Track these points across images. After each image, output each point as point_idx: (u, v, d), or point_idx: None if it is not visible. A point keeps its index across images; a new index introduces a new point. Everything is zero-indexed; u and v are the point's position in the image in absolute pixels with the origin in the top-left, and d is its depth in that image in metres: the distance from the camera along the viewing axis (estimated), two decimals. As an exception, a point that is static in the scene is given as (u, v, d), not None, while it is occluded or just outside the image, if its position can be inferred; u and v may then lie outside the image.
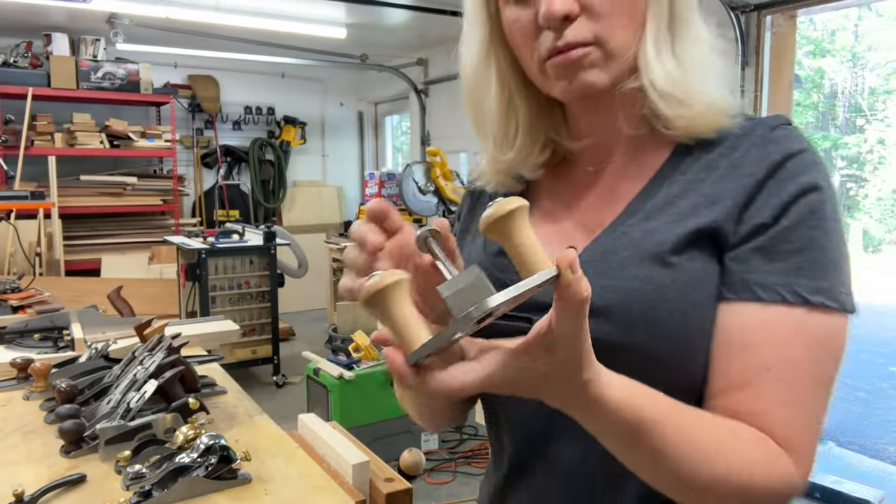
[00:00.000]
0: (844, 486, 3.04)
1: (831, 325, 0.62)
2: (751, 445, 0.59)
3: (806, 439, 0.64)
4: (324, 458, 1.26)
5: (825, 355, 0.64)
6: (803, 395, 0.65)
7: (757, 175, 0.64)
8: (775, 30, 3.66)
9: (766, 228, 0.62)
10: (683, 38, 0.77)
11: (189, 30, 5.40)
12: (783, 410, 0.62)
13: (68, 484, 1.13)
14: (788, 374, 0.62)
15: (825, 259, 0.61)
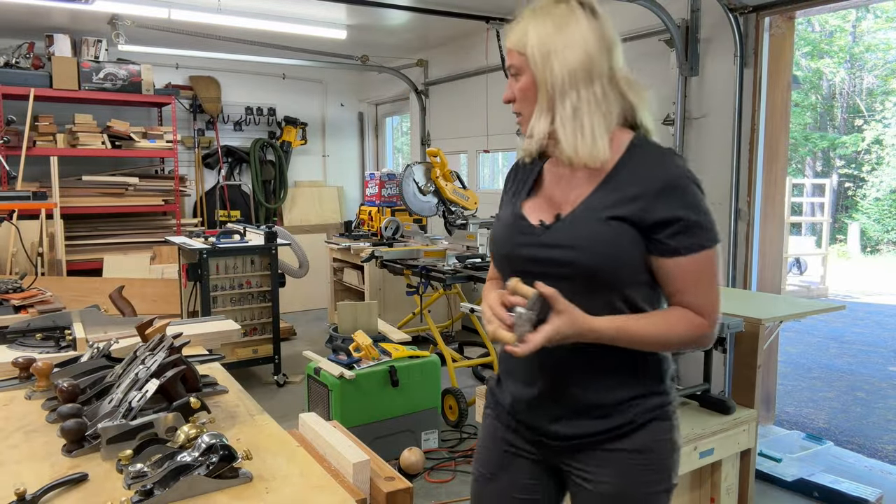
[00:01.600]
0: (843, 485, 3.05)
1: (714, 253, 1.22)
2: (681, 316, 1.22)
3: (708, 309, 1.21)
4: (324, 456, 1.27)
5: (712, 268, 1.22)
6: (705, 290, 1.21)
7: (656, 185, 1.22)
8: (773, 31, 3.66)
9: (675, 220, 1.20)
10: (563, 106, 1.24)
11: (190, 31, 5.41)
12: (696, 298, 1.21)
13: (70, 483, 1.14)
14: (697, 282, 1.21)
15: (707, 225, 1.22)
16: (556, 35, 1.24)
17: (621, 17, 4.45)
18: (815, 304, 2.94)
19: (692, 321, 1.20)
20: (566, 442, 1.29)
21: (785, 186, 4.11)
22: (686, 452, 2.15)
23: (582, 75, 1.23)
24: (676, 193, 1.21)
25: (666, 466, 1.28)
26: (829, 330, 7.26)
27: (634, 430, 1.25)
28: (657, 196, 1.20)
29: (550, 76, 1.22)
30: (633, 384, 1.26)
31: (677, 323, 1.20)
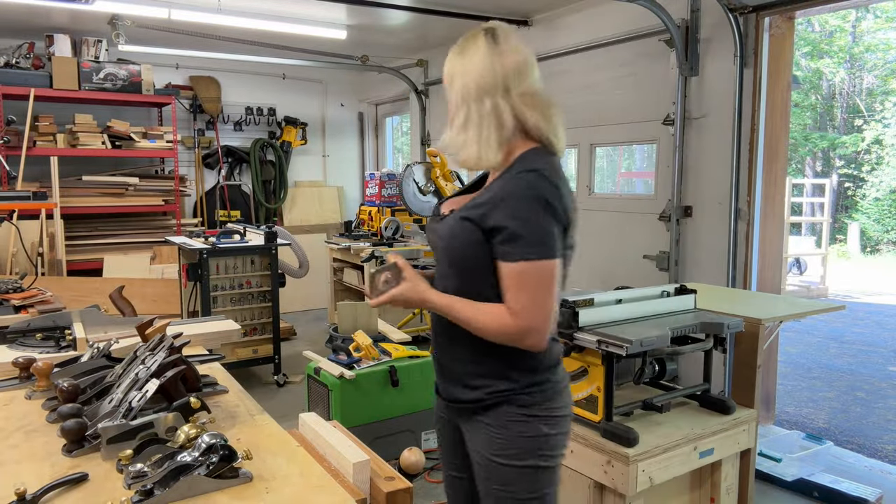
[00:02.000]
0: (843, 484, 3.05)
1: (538, 266, 1.34)
2: (496, 312, 1.37)
3: (520, 313, 1.34)
4: (324, 456, 1.27)
5: (531, 279, 1.34)
6: (521, 296, 1.34)
7: (499, 195, 1.37)
8: (773, 31, 3.66)
9: (503, 228, 1.35)
10: (456, 122, 1.45)
11: (190, 31, 5.41)
12: (512, 301, 1.35)
13: (70, 483, 1.14)
14: (515, 287, 1.35)
15: (531, 238, 1.34)
16: (458, 60, 1.46)
17: (621, 17, 4.45)
18: (814, 304, 2.94)
19: (502, 319, 1.36)
20: (453, 404, 1.52)
21: (785, 186, 4.11)
22: (686, 452, 2.15)
23: (474, 94, 1.41)
24: (511, 205, 1.35)
25: (523, 447, 1.43)
26: (829, 330, 7.27)
27: (487, 408, 1.45)
28: (496, 205, 1.36)
29: (453, 95, 1.46)
30: (486, 366, 1.45)
31: (488, 315, 1.37)
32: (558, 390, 1.48)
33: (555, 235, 1.36)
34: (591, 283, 4.86)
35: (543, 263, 1.34)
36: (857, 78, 16.96)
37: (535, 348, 1.38)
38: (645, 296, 2.38)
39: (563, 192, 1.39)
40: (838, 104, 17.40)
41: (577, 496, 2.20)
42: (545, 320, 1.35)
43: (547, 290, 1.35)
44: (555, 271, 1.36)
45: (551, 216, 1.35)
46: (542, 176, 1.36)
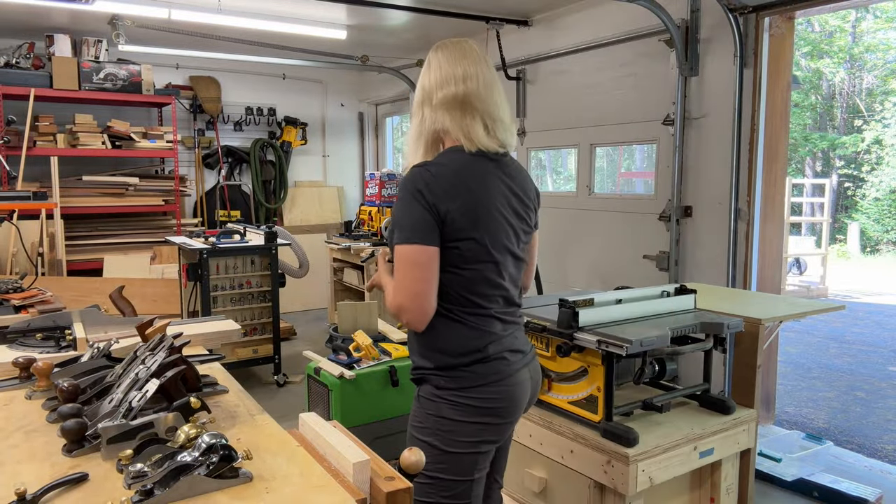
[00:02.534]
0: (843, 484, 3.05)
1: (401, 249, 1.49)
2: (389, 290, 1.55)
3: (395, 292, 1.51)
4: (325, 456, 1.27)
5: (401, 260, 1.49)
6: (397, 275, 1.50)
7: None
8: (773, 31, 3.66)
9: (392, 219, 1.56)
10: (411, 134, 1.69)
11: (191, 31, 5.41)
12: (395, 280, 1.51)
13: (70, 483, 1.14)
14: (396, 269, 1.51)
15: (398, 224, 1.51)
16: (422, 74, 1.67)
17: (621, 17, 4.45)
18: (814, 304, 2.94)
19: (389, 297, 1.56)
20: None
21: (785, 186, 4.11)
22: (686, 452, 2.15)
23: (420, 102, 1.65)
24: (398, 196, 1.56)
25: (425, 422, 1.60)
26: (829, 330, 7.27)
27: (417, 381, 1.65)
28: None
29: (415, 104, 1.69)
30: (417, 345, 1.63)
31: (389, 291, 1.57)
32: (473, 382, 1.56)
33: (419, 223, 1.48)
34: (591, 283, 4.86)
35: (404, 248, 1.50)
36: (856, 78, 16.96)
37: (411, 326, 1.55)
38: (645, 296, 2.38)
39: (441, 183, 1.50)
40: (838, 104, 17.40)
41: (577, 496, 2.20)
42: (410, 299, 1.49)
43: (408, 271, 1.49)
44: (415, 256, 1.48)
45: (418, 204, 1.48)
46: (422, 169, 1.53)
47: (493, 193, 1.58)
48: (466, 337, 1.57)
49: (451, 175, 1.53)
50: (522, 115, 5.51)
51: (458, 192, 1.52)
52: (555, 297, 2.41)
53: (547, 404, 2.30)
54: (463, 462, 1.59)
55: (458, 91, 1.61)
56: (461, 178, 1.54)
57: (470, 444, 1.58)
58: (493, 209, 1.57)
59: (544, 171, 8.22)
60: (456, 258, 1.54)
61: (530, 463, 2.37)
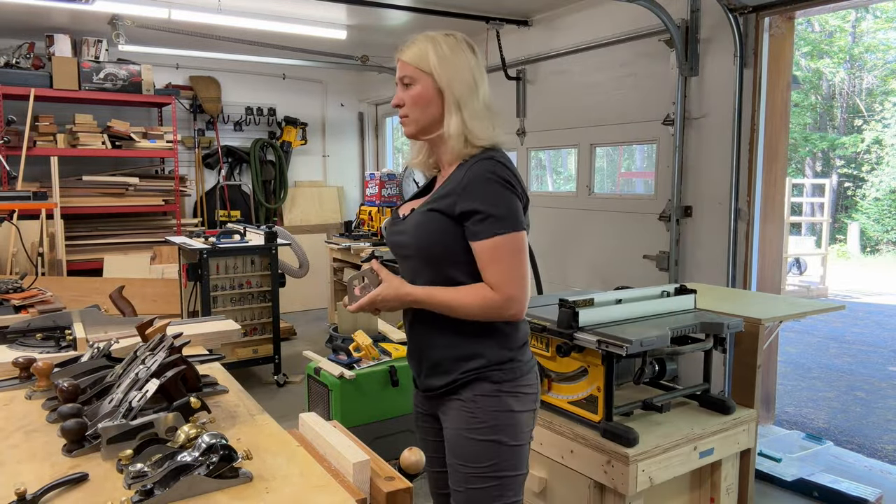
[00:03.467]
0: (843, 484, 3.05)
1: (509, 238, 1.47)
2: (478, 290, 1.48)
3: (500, 285, 1.46)
4: (325, 456, 1.27)
5: (505, 252, 1.47)
6: (499, 269, 1.47)
7: (463, 184, 1.50)
8: (773, 31, 3.66)
9: (475, 212, 1.47)
10: (466, 111, 1.54)
11: (191, 31, 5.41)
12: (491, 276, 1.47)
13: (70, 483, 1.14)
14: (492, 262, 1.47)
15: (499, 215, 1.47)
16: (453, 58, 1.55)
17: (621, 17, 4.45)
18: (814, 304, 2.94)
19: (485, 294, 1.47)
20: (428, 392, 1.64)
21: (785, 186, 4.11)
22: (686, 452, 2.15)
23: (470, 92, 1.55)
24: (477, 189, 1.48)
25: (489, 421, 1.52)
26: (829, 330, 7.27)
27: (462, 386, 1.55)
28: (462, 192, 1.49)
29: (456, 87, 1.54)
30: (460, 349, 1.55)
31: (469, 294, 1.48)
32: (526, 370, 1.58)
33: (519, 210, 1.51)
34: (591, 283, 4.86)
35: (513, 236, 1.47)
36: (856, 78, 16.96)
37: (517, 317, 1.51)
38: (645, 296, 2.38)
39: (517, 173, 1.55)
40: (838, 104, 17.40)
41: (577, 496, 2.20)
42: (522, 288, 1.48)
43: (520, 259, 1.48)
44: (524, 242, 1.50)
45: (512, 193, 1.50)
46: (497, 162, 1.51)
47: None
48: (522, 327, 1.60)
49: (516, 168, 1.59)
50: (522, 115, 5.51)
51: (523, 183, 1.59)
52: (555, 297, 2.41)
53: (547, 404, 2.30)
54: (524, 454, 1.60)
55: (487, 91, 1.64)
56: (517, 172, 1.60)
57: (530, 433, 1.61)
58: None
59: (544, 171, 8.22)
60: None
61: (530, 463, 2.37)
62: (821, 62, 16.43)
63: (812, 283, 9.91)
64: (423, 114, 1.56)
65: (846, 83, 17.04)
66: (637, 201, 4.59)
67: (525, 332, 1.61)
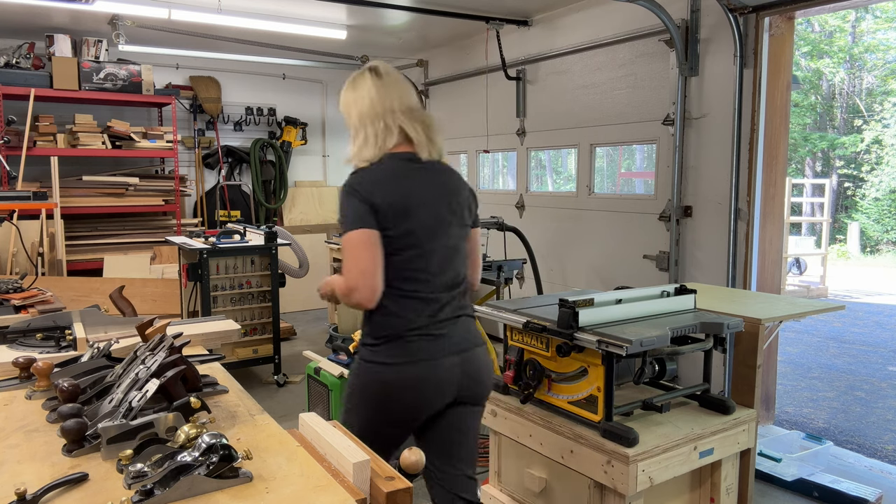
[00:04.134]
0: (843, 484, 3.05)
1: (346, 238, 1.76)
2: (338, 280, 1.82)
3: (345, 273, 1.77)
4: (325, 456, 1.27)
5: (346, 246, 1.78)
6: (345, 261, 1.77)
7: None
8: (773, 31, 3.67)
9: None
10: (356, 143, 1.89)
11: (191, 31, 5.41)
12: (342, 267, 1.77)
13: (70, 482, 1.14)
14: (343, 256, 1.76)
15: (341, 219, 1.80)
16: (351, 94, 1.91)
17: (621, 17, 4.45)
18: (814, 304, 2.94)
19: (339, 281, 1.81)
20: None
21: (785, 186, 4.11)
22: (686, 452, 2.15)
23: (369, 117, 1.87)
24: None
25: (347, 392, 1.91)
26: (829, 330, 7.27)
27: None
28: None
29: (349, 122, 1.92)
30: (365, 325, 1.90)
31: (338, 281, 1.82)
32: (372, 359, 1.84)
33: (356, 213, 1.76)
34: (591, 283, 4.86)
35: (347, 235, 1.76)
36: (856, 78, 16.97)
37: (363, 305, 1.79)
38: (645, 296, 2.38)
39: (369, 179, 1.80)
40: (838, 104, 17.41)
41: (577, 496, 2.20)
42: (357, 278, 1.75)
43: (354, 255, 1.75)
44: (357, 239, 1.74)
45: (354, 198, 1.77)
46: (350, 175, 1.84)
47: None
48: (386, 322, 1.85)
49: (394, 176, 1.85)
50: (522, 115, 5.51)
51: (395, 188, 1.83)
52: (555, 297, 2.41)
53: (547, 404, 2.30)
54: (350, 416, 1.92)
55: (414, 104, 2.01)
56: (394, 178, 1.84)
57: (360, 406, 1.92)
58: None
59: (544, 171, 8.22)
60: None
61: (530, 463, 2.37)
62: (821, 62, 16.44)
63: (812, 283, 9.91)
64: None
65: (846, 83, 17.05)
66: (637, 201, 4.59)
67: (388, 328, 1.82)
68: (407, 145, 1.86)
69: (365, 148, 1.84)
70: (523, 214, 5.60)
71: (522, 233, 4.53)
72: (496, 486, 2.56)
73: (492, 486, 2.58)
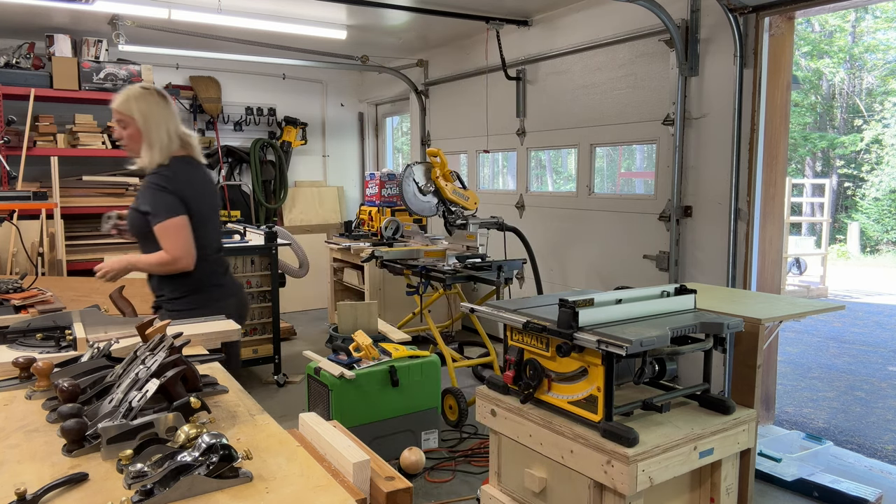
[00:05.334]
0: (843, 484, 3.05)
1: (163, 225, 2.46)
2: (158, 255, 2.50)
3: (169, 250, 2.46)
4: (325, 456, 1.27)
5: (167, 232, 2.46)
6: (166, 242, 2.46)
7: (142, 188, 2.58)
8: (773, 31, 3.67)
9: (146, 210, 2.49)
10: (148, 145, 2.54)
11: (191, 31, 5.41)
12: (164, 246, 2.47)
13: (70, 482, 1.14)
14: (163, 238, 2.47)
15: (152, 211, 2.48)
16: (152, 108, 2.56)
17: (621, 17, 4.45)
18: (814, 304, 2.94)
19: (161, 256, 2.45)
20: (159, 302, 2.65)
21: (785, 186, 4.11)
22: (686, 452, 2.15)
23: (165, 128, 2.53)
24: (146, 193, 2.48)
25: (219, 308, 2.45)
26: (829, 330, 7.27)
27: (159, 306, 2.63)
28: (140, 195, 2.50)
29: (150, 130, 2.53)
30: (162, 287, 2.61)
31: (154, 258, 2.47)
32: (196, 305, 2.51)
33: (173, 204, 2.43)
34: (591, 283, 4.86)
35: (169, 221, 2.42)
36: (856, 78, 16.97)
37: (188, 268, 2.47)
38: (645, 296, 2.38)
39: (176, 178, 2.47)
40: (838, 104, 17.41)
41: (577, 496, 2.20)
42: (182, 249, 2.44)
43: (179, 234, 2.43)
44: (180, 223, 2.43)
45: (168, 193, 2.43)
46: (158, 175, 2.47)
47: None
48: (202, 267, 2.56)
49: (187, 173, 2.55)
50: (522, 115, 5.51)
51: (201, 183, 2.62)
52: (555, 297, 2.41)
53: (547, 404, 2.30)
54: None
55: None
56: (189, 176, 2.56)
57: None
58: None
59: (544, 171, 8.22)
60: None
61: (530, 463, 2.37)
62: (821, 62, 16.44)
63: (812, 283, 9.91)
64: (135, 144, 2.56)
65: (846, 83, 17.05)
66: (637, 201, 4.59)
67: (202, 272, 2.55)
68: (183, 150, 2.55)
69: (160, 152, 2.47)
70: (523, 214, 5.60)
71: (522, 233, 4.53)
72: (496, 486, 2.56)
73: (492, 486, 2.57)
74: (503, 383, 2.42)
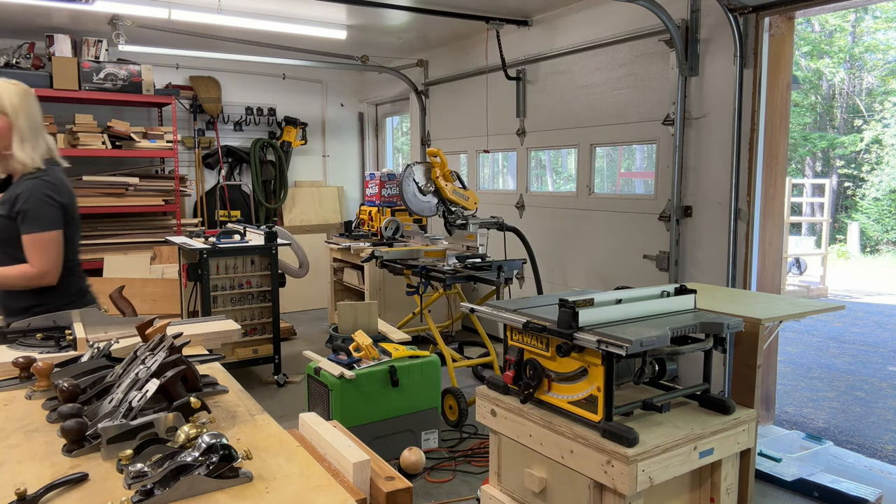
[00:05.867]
0: (843, 484, 3.05)
1: (34, 238, 2.26)
2: (21, 268, 2.28)
3: (36, 265, 2.26)
4: (325, 456, 1.27)
5: (38, 245, 2.27)
6: (34, 255, 2.26)
7: (18, 193, 2.28)
8: (773, 31, 3.67)
9: (22, 214, 2.25)
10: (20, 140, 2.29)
11: (191, 31, 5.41)
12: (30, 259, 2.26)
13: (70, 482, 1.14)
14: (30, 251, 2.27)
15: (30, 219, 2.26)
16: (21, 102, 2.29)
17: (621, 17, 4.45)
18: (814, 304, 2.94)
19: (26, 270, 2.27)
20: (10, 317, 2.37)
21: (785, 186, 4.11)
22: (686, 452, 2.15)
23: (39, 127, 2.35)
24: (29, 200, 2.25)
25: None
26: (829, 330, 7.27)
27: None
28: (17, 200, 2.25)
29: (23, 126, 2.29)
30: (22, 300, 2.35)
31: (16, 271, 2.28)
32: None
33: (55, 217, 2.28)
34: (591, 283, 4.86)
35: (48, 234, 2.27)
36: (856, 78, 16.97)
37: (52, 283, 2.32)
38: (645, 296, 2.38)
39: (59, 187, 2.31)
40: (838, 104, 17.41)
41: (577, 496, 2.20)
42: (52, 265, 2.30)
43: (53, 250, 2.28)
44: (55, 238, 2.28)
45: (53, 205, 2.28)
46: (43, 182, 2.28)
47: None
48: (73, 283, 2.46)
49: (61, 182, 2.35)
50: (522, 115, 5.51)
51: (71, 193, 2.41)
52: (555, 297, 2.41)
53: (547, 404, 2.30)
54: None
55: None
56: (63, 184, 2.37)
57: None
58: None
59: (544, 171, 8.22)
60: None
61: (530, 463, 2.37)
62: (821, 62, 16.44)
63: (812, 283, 9.91)
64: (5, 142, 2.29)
65: (846, 83, 17.05)
66: (637, 201, 4.59)
67: (75, 286, 2.46)
68: (47, 153, 2.38)
69: (33, 150, 2.30)
70: (523, 214, 5.60)
71: (522, 233, 4.53)
72: (496, 486, 2.56)
73: (492, 486, 2.58)
74: (503, 383, 2.42)
